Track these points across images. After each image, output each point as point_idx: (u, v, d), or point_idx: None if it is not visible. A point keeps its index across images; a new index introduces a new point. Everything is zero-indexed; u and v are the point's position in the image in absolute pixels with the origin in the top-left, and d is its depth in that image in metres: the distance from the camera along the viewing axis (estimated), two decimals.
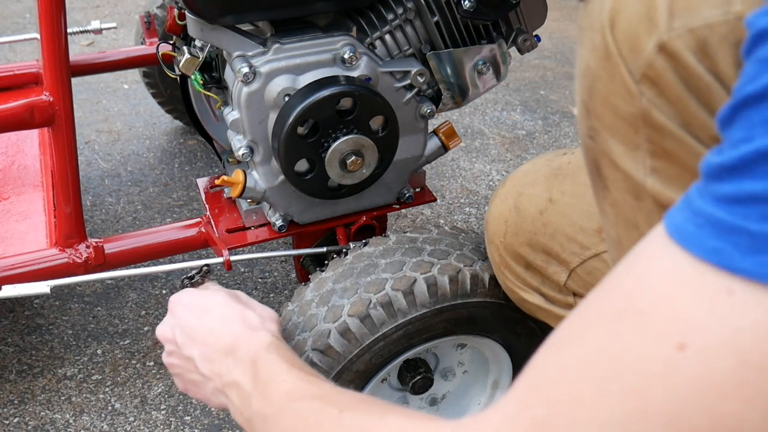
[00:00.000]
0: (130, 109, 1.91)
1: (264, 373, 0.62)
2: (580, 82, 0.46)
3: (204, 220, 1.07)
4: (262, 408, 0.59)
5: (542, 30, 1.02)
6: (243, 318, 0.71)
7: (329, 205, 1.00)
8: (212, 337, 0.70)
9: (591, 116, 0.46)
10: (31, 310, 1.29)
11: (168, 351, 0.75)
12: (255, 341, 0.67)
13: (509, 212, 0.79)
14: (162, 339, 0.76)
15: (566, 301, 0.78)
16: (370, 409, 0.51)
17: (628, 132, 0.44)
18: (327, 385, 0.58)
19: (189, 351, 0.71)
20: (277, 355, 0.64)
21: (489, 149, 1.84)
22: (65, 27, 0.92)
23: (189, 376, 0.72)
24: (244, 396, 0.62)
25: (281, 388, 0.59)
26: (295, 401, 0.56)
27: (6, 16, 2.45)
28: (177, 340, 0.73)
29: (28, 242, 1.06)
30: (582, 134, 0.48)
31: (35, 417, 1.10)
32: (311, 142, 0.88)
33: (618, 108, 0.43)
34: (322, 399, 0.55)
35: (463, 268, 0.82)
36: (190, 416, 1.11)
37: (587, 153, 0.48)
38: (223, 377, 0.66)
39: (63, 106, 0.95)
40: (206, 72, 0.98)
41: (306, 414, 0.54)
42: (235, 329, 0.69)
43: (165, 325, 0.76)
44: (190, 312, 0.74)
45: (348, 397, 0.55)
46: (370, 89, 0.89)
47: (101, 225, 1.49)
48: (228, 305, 0.73)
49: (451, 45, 0.96)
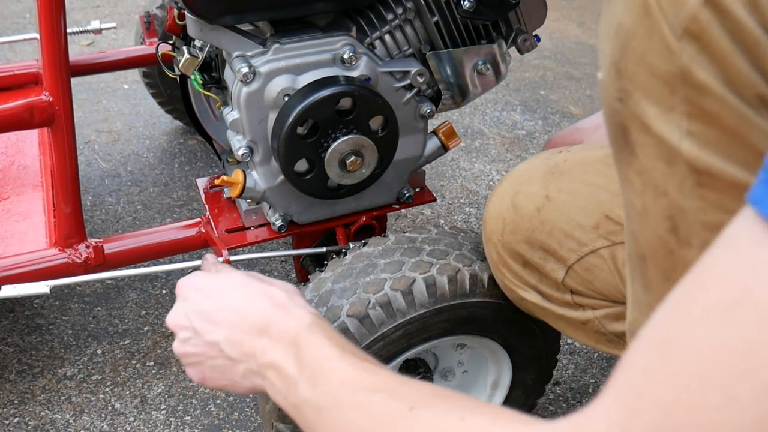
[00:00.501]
0: (130, 109, 1.91)
1: (310, 357, 0.59)
2: (609, 43, 0.44)
3: (204, 220, 1.07)
4: (314, 398, 0.56)
5: (542, 30, 1.02)
6: (268, 295, 0.67)
7: (329, 205, 1.00)
8: (238, 317, 0.66)
9: (622, 77, 0.43)
10: (31, 310, 1.29)
11: (182, 339, 0.70)
12: (292, 320, 0.63)
13: (507, 210, 0.79)
14: (174, 327, 0.71)
15: (564, 299, 0.78)
16: (446, 407, 0.47)
17: (664, 92, 0.42)
18: (385, 372, 0.55)
19: (212, 336, 0.67)
20: (322, 336, 0.60)
21: (489, 149, 1.84)
22: (65, 27, 0.92)
23: (211, 363, 0.68)
24: (287, 380, 0.59)
25: (335, 376, 0.56)
26: (356, 393, 0.53)
27: (6, 16, 2.45)
28: (195, 327, 0.69)
29: (27, 242, 1.06)
30: (609, 98, 0.45)
31: (35, 417, 1.10)
32: (311, 142, 0.88)
33: (654, 67, 0.41)
34: (387, 392, 0.51)
35: (462, 268, 0.82)
36: (190, 416, 1.11)
37: (614, 118, 0.46)
38: (258, 358, 0.63)
39: (63, 106, 0.95)
40: (206, 72, 0.98)
41: (372, 410, 0.51)
42: (263, 307, 0.66)
43: (177, 312, 0.72)
44: (207, 296, 0.70)
45: (415, 389, 0.52)
46: (369, 89, 0.89)
47: (101, 225, 1.49)
48: (248, 284, 0.70)
49: (450, 45, 0.96)
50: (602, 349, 0.80)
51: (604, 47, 0.45)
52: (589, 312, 0.77)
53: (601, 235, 0.73)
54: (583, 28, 2.67)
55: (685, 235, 0.44)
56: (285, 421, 0.83)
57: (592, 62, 2.39)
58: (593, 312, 0.77)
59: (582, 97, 2.14)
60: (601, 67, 0.46)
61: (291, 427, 0.83)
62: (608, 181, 0.75)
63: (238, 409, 1.13)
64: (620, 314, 0.76)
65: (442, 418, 0.47)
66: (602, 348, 0.80)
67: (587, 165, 0.77)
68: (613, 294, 0.74)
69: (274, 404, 0.83)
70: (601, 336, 0.78)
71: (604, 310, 0.76)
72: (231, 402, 1.14)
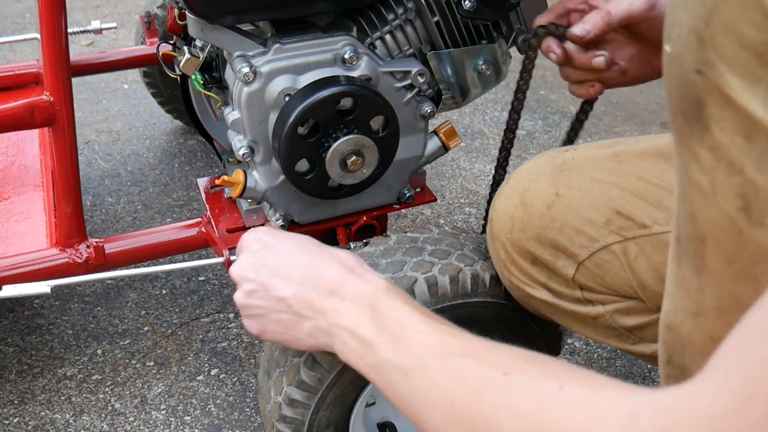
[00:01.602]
0: (130, 109, 1.91)
1: (390, 320, 0.60)
2: (689, 12, 0.42)
3: (204, 220, 1.07)
4: (398, 360, 0.56)
5: None
6: (338, 258, 0.69)
7: (329, 205, 1.00)
8: (308, 276, 0.67)
9: (706, 47, 0.41)
10: (31, 310, 1.29)
11: (247, 291, 0.71)
12: (367, 285, 0.65)
13: (515, 208, 0.79)
14: (240, 279, 0.72)
15: (573, 295, 0.77)
16: (541, 373, 0.47)
17: (753, 64, 0.40)
18: (470, 337, 0.55)
19: (280, 291, 0.68)
20: (400, 301, 0.62)
21: (489, 149, 1.84)
22: (66, 27, 0.92)
23: (275, 317, 0.69)
24: (364, 341, 0.60)
25: (419, 340, 0.56)
26: (444, 357, 0.53)
27: (6, 16, 2.45)
28: (263, 280, 0.70)
29: (28, 242, 1.06)
30: (683, 69, 0.43)
31: (35, 417, 1.10)
32: (312, 142, 0.88)
33: (745, 37, 0.40)
34: (477, 357, 0.51)
35: (464, 268, 0.82)
36: (190, 416, 1.11)
37: (687, 90, 0.43)
38: (329, 317, 0.64)
39: (63, 106, 0.95)
40: (207, 72, 0.98)
41: (464, 374, 0.51)
42: (334, 269, 0.67)
43: (243, 264, 0.73)
44: (275, 251, 0.71)
45: (505, 354, 0.51)
46: (370, 89, 0.89)
47: (101, 225, 1.49)
48: (316, 245, 0.71)
49: (451, 45, 0.96)
50: (612, 344, 0.80)
51: (679, 17, 0.43)
52: (599, 307, 0.77)
53: (612, 230, 0.73)
54: None
55: (758, 215, 0.43)
56: (285, 420, 0.83)
57: None
58: (603, 307, 0.77)
59: None
60: (670, 39, 0.44)
61: (292, 427, 0.83)
62: (617, 178, 0.75)
63: (238, 409, 1.13)
64: (631, 309, 0.76)
65: (538, 384, 0.46)
66: (612, 343, 0.80)
67: (595, 162, 0.77)
68: (623, 289, 0.74)
69: (274, 404, 0.83)
70: (611, 331, 0.78)
71: (614, 305, 0.76)
72: (231, 402, 1.14)
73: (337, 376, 0.80)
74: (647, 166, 0.74)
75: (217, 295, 1.33)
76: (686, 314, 0.49)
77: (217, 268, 1.39)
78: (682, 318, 0.50)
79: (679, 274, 0.50)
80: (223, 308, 1.31)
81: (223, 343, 1.24)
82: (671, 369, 0.53)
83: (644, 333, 0.77)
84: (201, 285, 1.35)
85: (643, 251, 0.71)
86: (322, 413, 0.83)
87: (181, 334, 1.25)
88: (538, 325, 0.89)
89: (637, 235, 0.72)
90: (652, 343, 0.78)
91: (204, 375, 1.18)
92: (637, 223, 0.72)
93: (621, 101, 2.14)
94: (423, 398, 0.53)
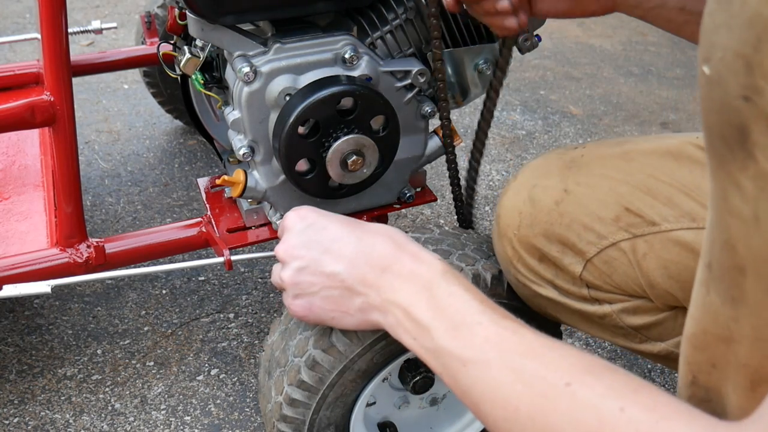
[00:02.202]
0: (130, 109, 1.91)
1: (448, 306, 0.60)
2: (735, 35, 0.40)
3: (205, 220, 1.07)
4: (455, 348, 0.57)
5: (542, 30, 1.02)
6: (388, 234, 0.69)
7: (330, 205, 1.00)
8: (359, 251, 0.68)
9: (754, 73, 0.40)
10: (31, 310, 1.29)
11: (297, 268, 0.71)
12: (422, 265, 0.65)
13: (523, 204, 0.79)
14: (288, 257, 0.71)
15: (580, 293, 0.77)
16: (604, 390, 0.47)
17: None
18: (529, 334, 0.56)
19: (332, 266, 0.68)
20: (458, 287, 0.62)
21: (489, 149, 1.84)
22: (66, 27, 0.92)
23: (326, 293, 0.69)
24: (419, 324, 0.61)
25: (479, 332, 0.57)
26: (505, 354, 0.54)
27: (6, 16, 2.45)
28: (314, 256, 0.70)
29: (28, 242, 1.06)
30: (727, 96, 0.41)
31: (35, 417, 1.10)
32: (312, 141, 0.88)
33: None
34: (539, 360, 0.52)
35: (465, 268, 0.82)
36: (190, 416, 1.11)
37: (730, 117, 0.42)
38: (383, 293, 0.64)
39: (64, 105, 0.95)
40: (207, 72, 0.98)
41: (527, 378, 0.52)
42: (385, 246, 0.67)
43: (291, 242, 0.72)
44: (323, 228, 0.71)
45: (567, 361, 0.52)
46: (371, 89, 0.89)
47: (101, 225, 1.48)
48: (361, 222, 0.72)
49: (451, 45, 0.96)
50: (619, 342, 0.80)
51: (720, 39, 0.41)
52: (606, 306, 0.77)
53: (621, 227, 0.73)
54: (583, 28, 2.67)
55: None
56: (286, 420, 0.83)
57: (592, 62, 2.39)
58: (610, 306, 0.77)
59: (582, 97, 2.15)
60: (709, 61, 0.42)
61: (292, 427, 0.83)
62: (627, 176, 0.74)
63: (238, 409, 1.13)
64: (637, 308, 0.76)
65: (600, 402, 0.47)
66: (619, 341, 0.80)
67: (605, 160, 0.77)
68: (631, 287, 0.74)
69: (275, 403, 0.83)
70: (618, 330, 0.78)
71: (621, 304, 0.76)
72: (231, 402, 1.14)
73: (337, 375, 0.80)
74: (657, 164, 0.74)
75: (217, 295, 1.33)
76: (717, 339, 0.48)
77: (217, 268, 1.39)
78: (713, 342, 0.49)
79: (707, 301, 0.49)
80: (223, 308, 1.31)
81: (223, 343, 1.23)
82: (696, 389, 0.52)
83: (651, 332, 0.77)
84: (201, 285, 1.35)
85: (652, 249, 0.71)
86: (322, 413, 0.83)
87: (181, 334, 1.25)
88: (539, 325, 0.89)
89: (646, 232, 0.72)
90: (659, 342, 0.78)
91: (204, 375, 1.18)
92: (646, 220, 0.72)
93: (621, 101, 2.14)
94: (483, 392, 0.55)
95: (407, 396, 0.95)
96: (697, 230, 0.70)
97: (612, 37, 2.62)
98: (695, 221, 0.70)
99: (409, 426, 0.97)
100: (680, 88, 2.26)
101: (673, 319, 0.76)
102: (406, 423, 0.96)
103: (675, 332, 0.76)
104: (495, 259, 0.85)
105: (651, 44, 2.58)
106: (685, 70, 2.39)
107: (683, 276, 0.70)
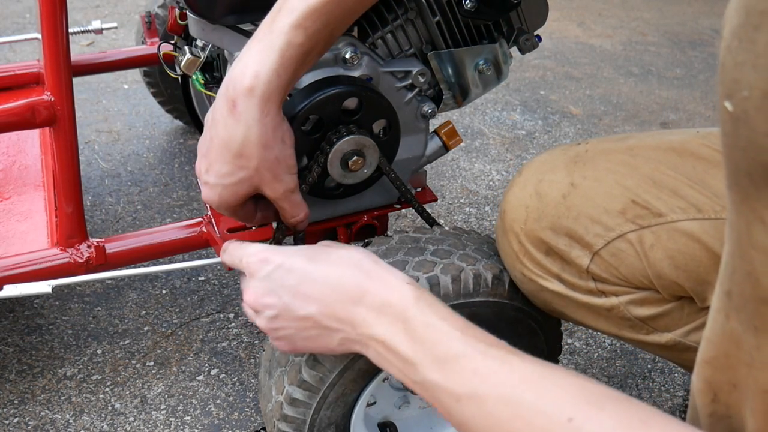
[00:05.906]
0: (130, 109, 1.91)
1: (427, 338, 0.59)
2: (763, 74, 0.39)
3: (205, 220, 1.07)
4: (447, 384, 0.56)
5: (542, 30, 1.02)
6: (354, 262, 0.68)
7: (330, 205, 1.00)
8: (329, 288, 0.66)
9: None
10: (31, 310, 1.29)
11: (270, 317, 0.70)
12: (393, 293, 0.64)
13: (530, 198, 0.79)
14: (259, 306, 0.70)
15: (587, 287, 0.77)
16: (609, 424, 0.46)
17: None
18: (517, 361, 0.54)
19: (305, 310, 0.67)
20: (433, 316, 0.60)
21: (489, 149, 1.84)
22: (66, 27, 0.92)
23: (304, 334, 0.69)
24: (403, 358, 0.59)
25: (466, 365, 0.55)
26: (499, 388, 0.53)
27: (6, 16, 2.45)
28: (284, 302, 0.68)
29: (29, 242, 1.06)
30: (754, 134, 0.40)
31: (35, 417, 1.10)
32: (312, 141, 0.88)
33: None
34: (536, 392, 0.51)
35: (466, 268, 0.82)
36: (190, 416, 1.11)
37: (757, 155, 0.40)
38: (358, 328, 0.63)
39: (64, 106, 0.95)
40: (207, 72, 0.98)
41: (525, 413, 0.50)
42: (353, 276, 0.66)
43: (258, 290, 0.71)
44: (288, 269, 0.69)
45: (564, 392, 0.50)
46: (371, 89, 0.89)
47: (101, 225, 1.49)
48: (326, 252, 0.70)
49: (452, 45, 0.96)
50: (625, 335, 0.80)
51: (746, 76, 0.40)
52: (613, 299, 0.77)
53: (628, 219, 0.73)
54: (583, 28, 2.68)
55: None
56: (287, 419, 0.83)
57: (592, 62, 2.40)
58: (617, 299, 0.77)
59: (582, 97, 2.15)
60: (733, 98, 0.41)
61: (293, 426, 0.83)
62: (632, 170, 0.75)
63: (238, 409, 1.13)
64: (644, 300, 0.76)
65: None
66: (625, 334, 0.80)
67: (610, 155, 0.78)
68: (638, 279, 0.74)
69: (276, 403, 0.83)
70: (625, 322, 0.78)
71: (628, 296, 0.76)
72: (231, 402, 1.14)
73: (338, 375, 0.80)
74: (661, 158, 0.75)
75: (217, 295, 1.33)
76: (738, 362, 0.48)
77: (217, 268, 1.39)
78: (735, 364, 0.49)
79: (727, 328, 0.49)
80: (223, 308, 1.31)
81: (223, 343, 1.24)
82: (716, 406, 0.52)
83: (658, 323, 0.77)
84: (201, 285, 1.35)
85: (658, 240, 0.72)
86: (323, 412, 0.83)
87: (181, 334, 1.25)
88: (539, 324, 0.89)
89: (653, 223, 0.72)
90: (666, 333, 0.78)
91: (204, 375, 1.18)
92: (653, 211, 0.72)
93: (621, 101, 2.14)
94: (481, 427, 0.53)
95: (407, 396, 0.95)
96: (703, 221, 0.70)
97: (612, 37, 2.62)
98: (701, 212, 0.70)
99: (409, 426, 0.97)
100: (680, 88, 2.26)
101: (680, 309, 0.76)
102: (406, 423, 0.96)
103: (682, 322, 0.76)
104: (496, 259, 0.86)
105: (651, 44, 2.58)
106: (685, 70, 2.39)
107: (690, 266, 0.71)
